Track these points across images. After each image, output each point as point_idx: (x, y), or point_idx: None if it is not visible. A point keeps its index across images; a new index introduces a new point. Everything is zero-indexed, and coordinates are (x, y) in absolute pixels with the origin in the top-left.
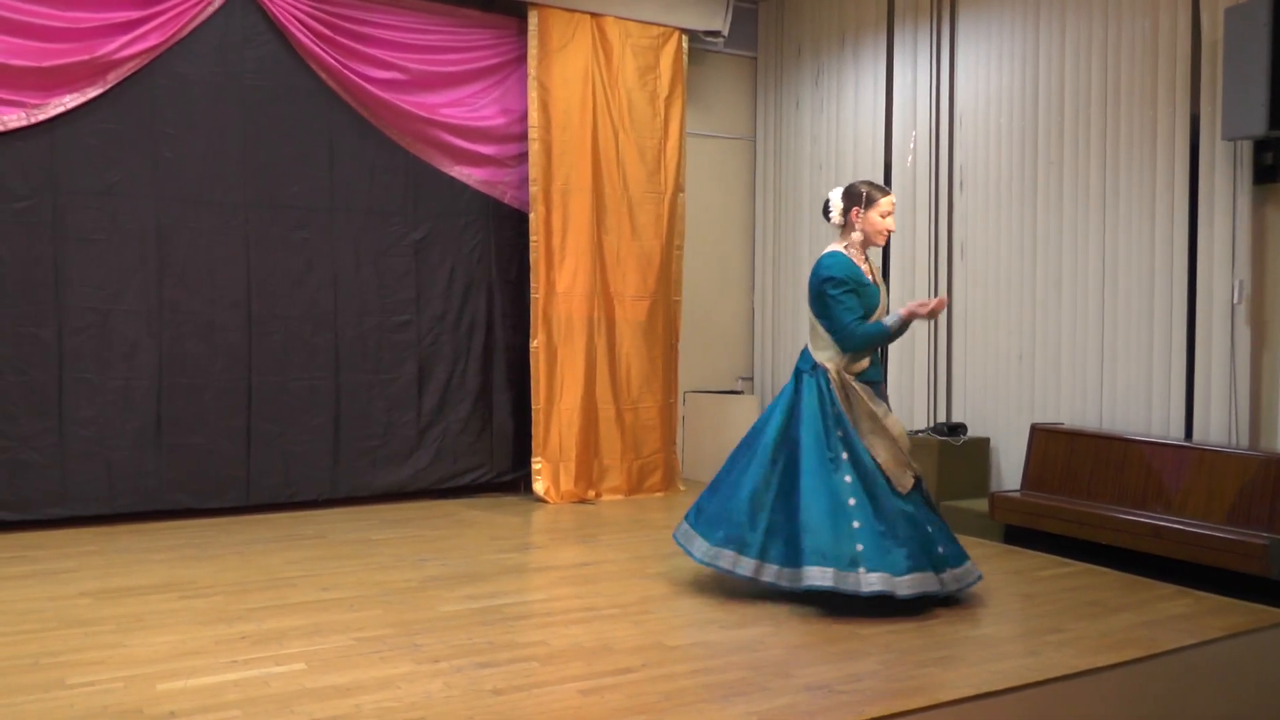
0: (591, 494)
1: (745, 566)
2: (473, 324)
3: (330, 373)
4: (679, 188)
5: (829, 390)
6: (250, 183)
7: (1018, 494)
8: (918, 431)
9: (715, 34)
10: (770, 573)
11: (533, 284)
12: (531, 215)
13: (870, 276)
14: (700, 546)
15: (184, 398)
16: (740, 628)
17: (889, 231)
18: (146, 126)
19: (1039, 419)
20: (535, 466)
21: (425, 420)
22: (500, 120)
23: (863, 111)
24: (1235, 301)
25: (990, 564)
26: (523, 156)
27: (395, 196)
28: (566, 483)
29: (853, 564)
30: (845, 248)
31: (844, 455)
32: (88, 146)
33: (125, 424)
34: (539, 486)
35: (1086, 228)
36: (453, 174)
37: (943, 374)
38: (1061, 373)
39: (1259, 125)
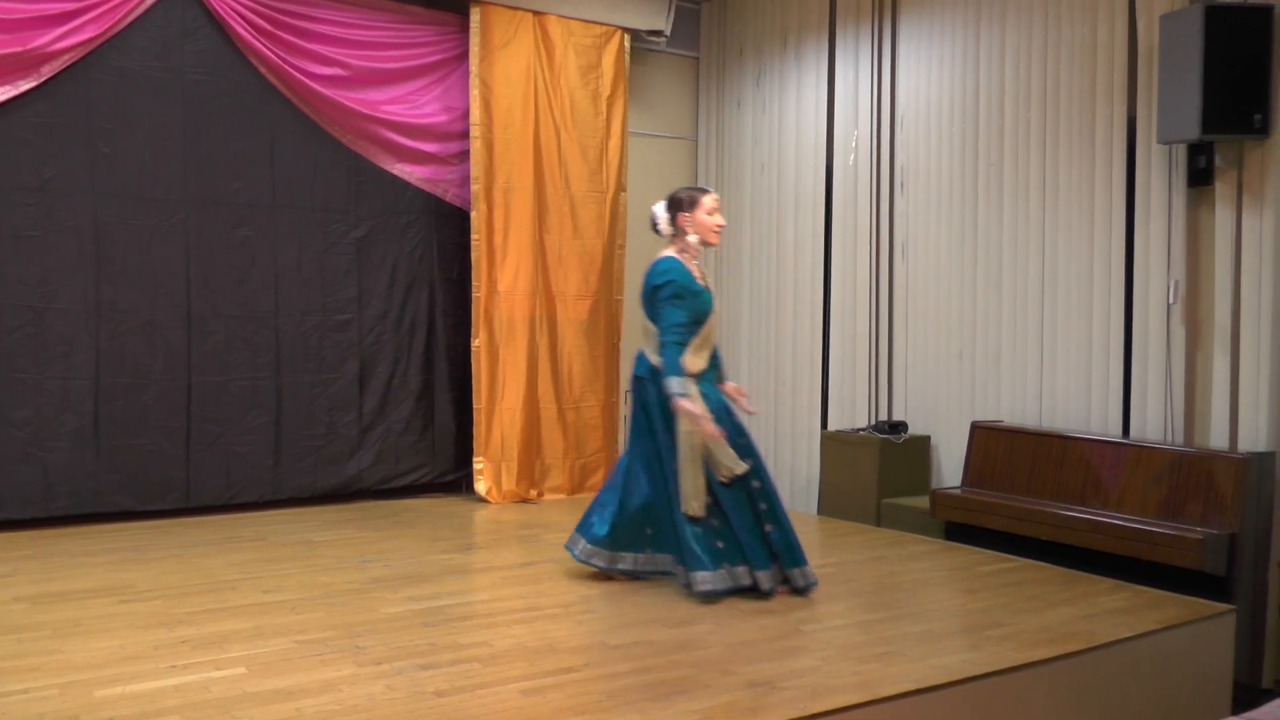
0: (534, 493)
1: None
2: (414, 323)
3: (271, 372)
4: (621, 187)
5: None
6: (190, 179)
7: (958, 491)
8: (859, 430)
9: (657, 34)
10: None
11: (474, 283)
12: (473, 214)
13: (702, 281)
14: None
15: (123, 398)
16: (682, 626)
17: (719, 227)
18: (83, 121)
19: (979, 417)
20: (477, 466)
21: (367, 420)
22: (442, 118)
23: (804, 112)
24: (1170, 301)
25: (931, 560)
26: (465, 154)
27: (337, 194)
28: (509, 482)
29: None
30: (679, 253)
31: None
32: (22, 141)
33: (62, 425)
34: (481, 486)
35: (1026, 228)
36: (395, 172)
37: (884, 372)
38: (1002, 371)
39: (1193, 129)
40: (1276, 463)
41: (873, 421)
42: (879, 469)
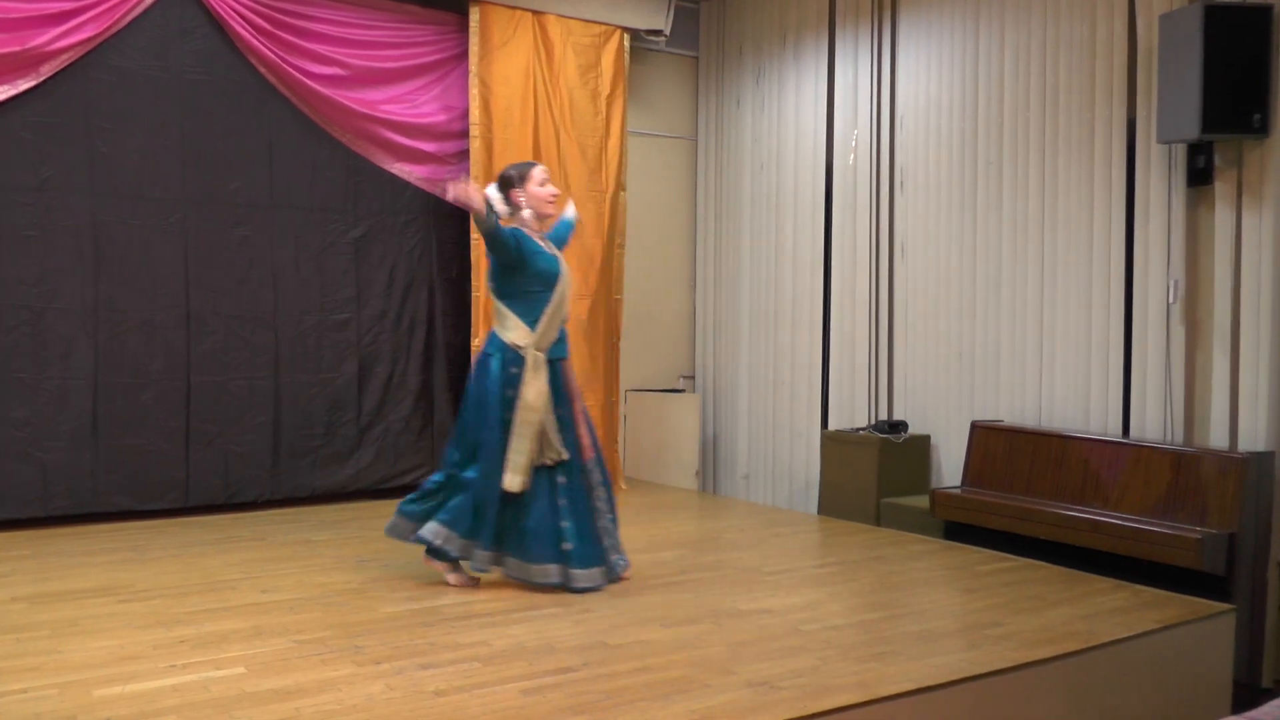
0: None
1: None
2: (413, 323)
3: (270, 372)
4: (620, 186)
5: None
6: (189, 179)
7: (958, 490)
8: (859, 429)
9: (657, 33)
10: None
11: (474, 282)
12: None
13: (550, 250)
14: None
15: (122, 397)
16: (681, 625)
17: (554, 196)
18: (82, 120)
19: (979, 416)
20: None
21: (366, 420)
22: (441, 117)
23: (804, 111)
24: (1170, 301)
25: (931, 560)
26: (464, 154)
27: (336, 194)
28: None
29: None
30: (517, 225)
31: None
32: (20, 140)
33: (61, 424)
34: None
35: (1025, 228)
36: (394, 171)
37: (884, 372)
38: (1001, 371)
39: (1192, 129)
40: (1276, 462)
41: (872, 421)
42: (879, 469)
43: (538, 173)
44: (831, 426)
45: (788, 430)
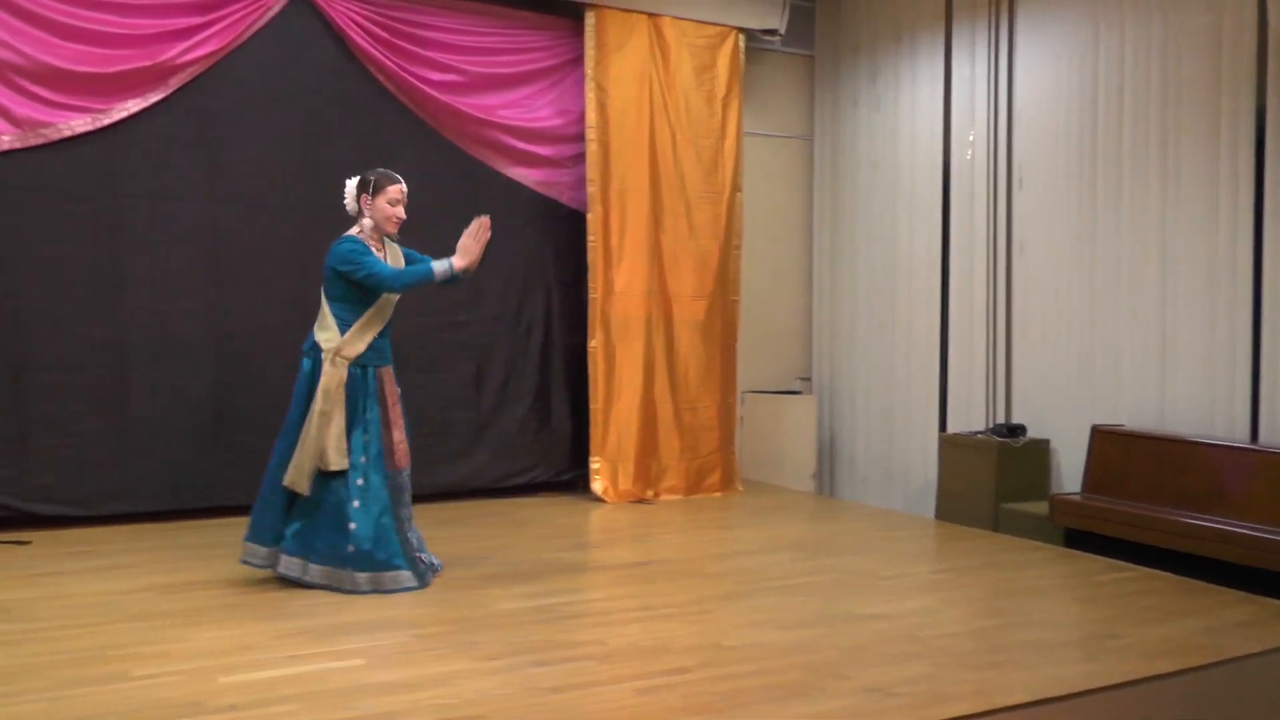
0: (649, 494)
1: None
2: (530, 324)
3: None
4: (736, 187)
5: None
6: (306, 185)
7: (1078, 497)
8: (976, 433)
9: (772, 33)
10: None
11: (590, 284)
12: (589, 215)
13: (381, 258)
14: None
15: (241, 397)
16: (796, 629)
17: (398, 220)
18: (205, 130)
19: (1100, 420)
20: (593, 466)
21: (483, 419)
22: (557, 121)
23: (920, 109)
24: None
25: (1047, 568)
26: (580, 157)
27: (453, 198)
28: (624, 482)
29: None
30: (359, 234)
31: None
32: (148, 150)
33: (184, 422)
34: (597, 486)
35: (1146, 225)
36: (510, 175)
37: (1001, 374)
38: (1122, 373)
39: None
40: None
41: (990, 424)
42: (997, 473)
43: (394, 190)
44: (949, 429)
45: (905, 433)
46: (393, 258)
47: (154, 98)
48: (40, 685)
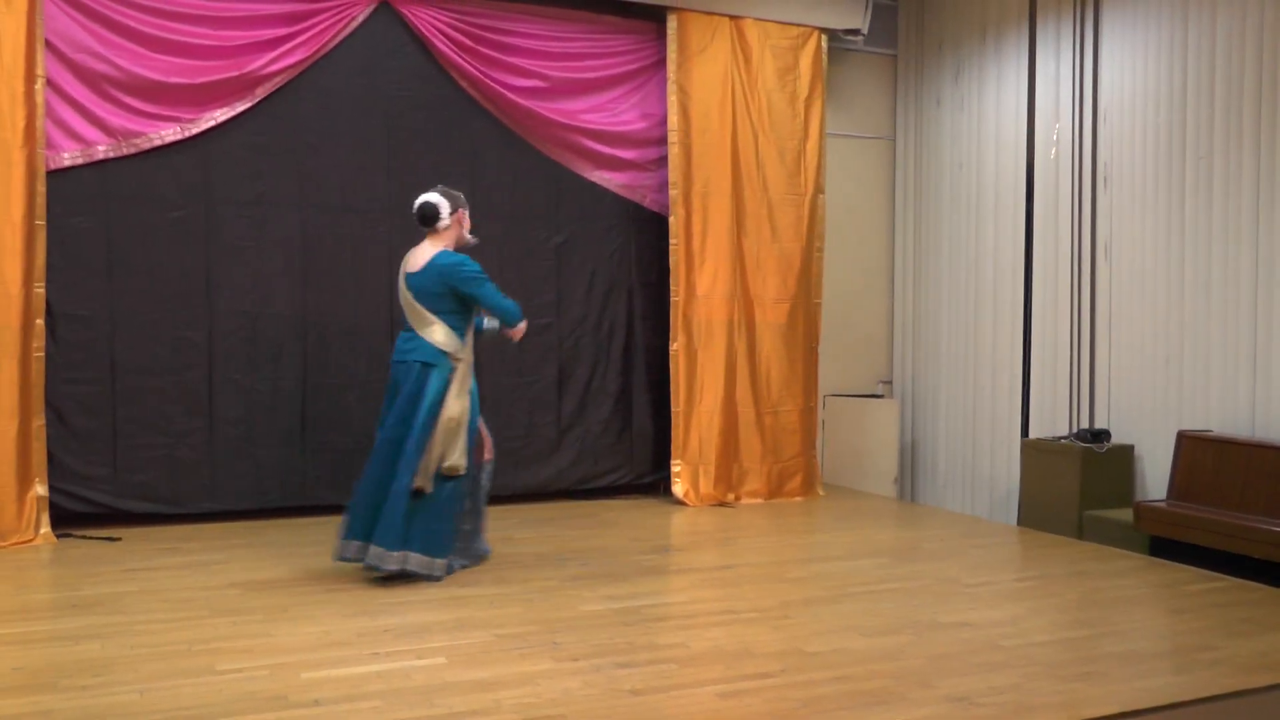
0: (731, 497)
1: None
2: (613, 326)
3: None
4: (819, 189)
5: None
6: (393, 191)
7: (1164, 504)
8: (1060, 438)
9: (855, 32)
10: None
11: (673, 287)
12: (671, 218)
13: None
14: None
15: (328, 398)
16: (880, 635)
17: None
18: (292, 138)
19: (1187, 426)
20: (675, 469)
21: (566, 422)
22: (640, 125)
23: (1004, 108)
24: None
25: (1135, 577)
26: (662, 160)
27: (537, 202)
28: (706, 485)
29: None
30: (448, 246)
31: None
32: (237, 158)
33: (273, 423)
34: (678, 489)
35: (1239, 225)
36: (593, 179)
37: (1085, 379)
38: (1211, 377)
39: None
40: None
41: (1074, 430)
42: (1081, 479)
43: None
44: (1032, 434)
45: (987, 437)
46: None
47: (241, 107)
48: (129, 678)
